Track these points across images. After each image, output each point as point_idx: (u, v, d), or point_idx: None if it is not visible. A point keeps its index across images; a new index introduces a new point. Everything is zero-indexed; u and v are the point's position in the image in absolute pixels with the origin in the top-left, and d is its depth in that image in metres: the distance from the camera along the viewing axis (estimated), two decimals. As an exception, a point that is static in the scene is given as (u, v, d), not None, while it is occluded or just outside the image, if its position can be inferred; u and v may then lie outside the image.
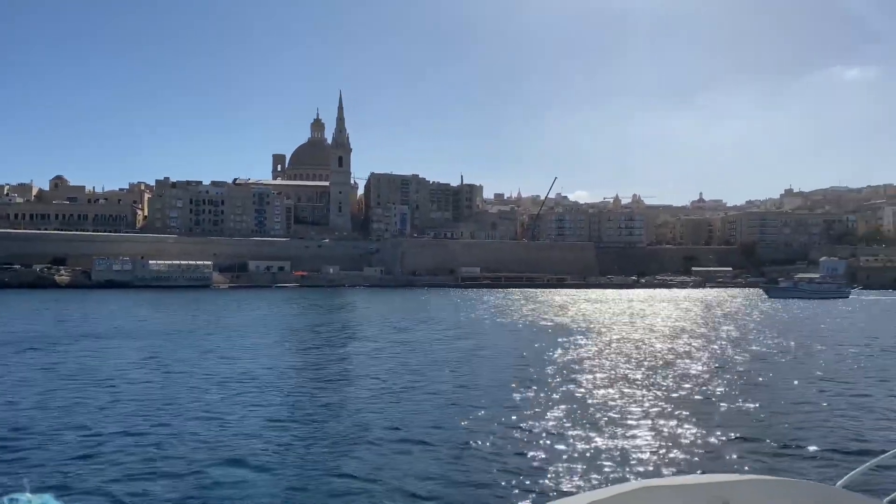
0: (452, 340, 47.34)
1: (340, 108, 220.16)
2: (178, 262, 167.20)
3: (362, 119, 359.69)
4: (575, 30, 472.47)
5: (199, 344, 43.66)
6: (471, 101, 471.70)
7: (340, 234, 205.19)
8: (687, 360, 35.68)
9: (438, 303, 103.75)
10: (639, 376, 29.78)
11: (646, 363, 34.29)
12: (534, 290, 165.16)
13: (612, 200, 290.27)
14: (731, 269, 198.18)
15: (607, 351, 40.21)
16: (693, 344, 44.57)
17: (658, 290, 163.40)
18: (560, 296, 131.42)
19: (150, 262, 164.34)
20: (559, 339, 46.50)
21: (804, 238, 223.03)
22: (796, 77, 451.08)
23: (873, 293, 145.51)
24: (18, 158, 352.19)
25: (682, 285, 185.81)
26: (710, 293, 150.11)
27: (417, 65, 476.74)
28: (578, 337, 48.57)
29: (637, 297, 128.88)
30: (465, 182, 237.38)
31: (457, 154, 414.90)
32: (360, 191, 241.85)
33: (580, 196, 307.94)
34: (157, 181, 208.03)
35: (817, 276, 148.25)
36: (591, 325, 59.53)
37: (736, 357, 37.64)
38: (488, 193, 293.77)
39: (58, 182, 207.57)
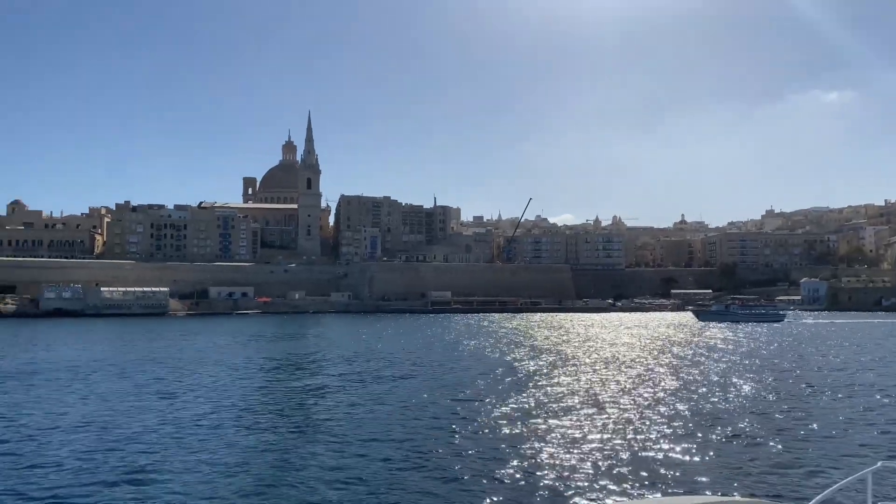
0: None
1: (309, 128, 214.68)
2: (132, 289, 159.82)
3: (336, 142, 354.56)
4: (553, 55, 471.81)
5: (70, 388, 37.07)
6: (449, 126, 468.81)
7: (309, 259, 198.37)
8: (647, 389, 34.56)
9: (374, 331, 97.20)
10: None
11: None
12: (505, 314, 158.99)
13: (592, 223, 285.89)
14: (710, 290, 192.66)
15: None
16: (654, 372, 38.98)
17: (634, 315, 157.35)
18: (521, 321, 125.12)
19: (103, 289, 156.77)
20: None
21: (785, 259, 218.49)
22: (776, 100, 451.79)
23: (811, 315, 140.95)
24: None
25: (660, 308, 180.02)
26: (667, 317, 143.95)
27: (396, 89, 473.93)
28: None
29: (604, 322, 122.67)
30: (438, 204, 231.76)
31: (433, 177, 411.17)
32: (334, 215, 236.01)
33: (566, 220, 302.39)
34: (116, 205, 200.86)
35: (752, 298, 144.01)
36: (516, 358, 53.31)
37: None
38: (467, 216, 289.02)
39: (14, 206, 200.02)
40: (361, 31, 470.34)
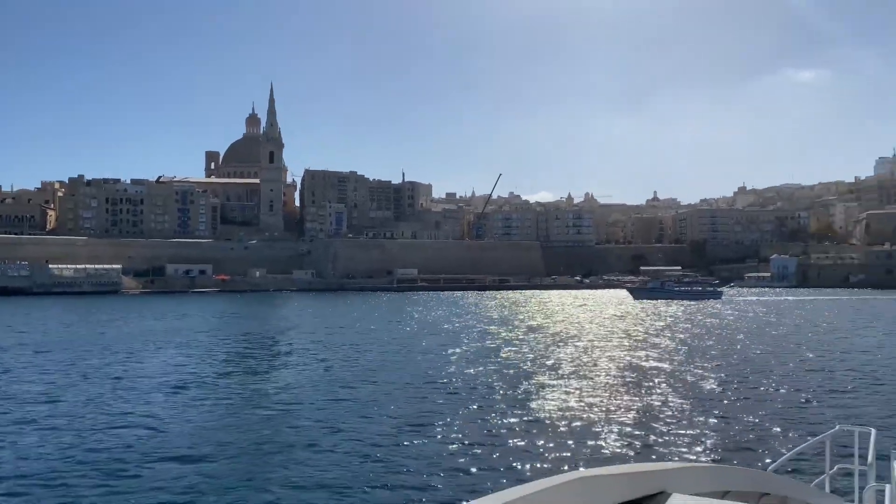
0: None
1: (272, 100, 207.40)
2: (83, 266, 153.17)
3: (304, 116, 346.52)
4: (531, 32, 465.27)
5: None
6: (423, 101, 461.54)
7: (272, 236, 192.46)
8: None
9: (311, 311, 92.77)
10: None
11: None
12: (473, 292, 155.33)
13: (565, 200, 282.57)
14: (679, 267, 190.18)
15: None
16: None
17: (602, 292, 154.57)
18: (488, 299, 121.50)
19: (52, 266, 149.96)
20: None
21: (756, 235, 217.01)
22: (750, 79, 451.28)
23: (753, 292, 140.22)
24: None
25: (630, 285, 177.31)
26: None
27: (366, 62, 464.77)
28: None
29: (566, 299, 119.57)
30: (407, 180, 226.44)
31: (405, 154, 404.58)
32: (299, 190, 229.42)
33: (542, 198, 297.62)
34: (70, 179, 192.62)
35: (695, 276, 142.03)
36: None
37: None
38: (440, 193, 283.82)
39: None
40: (331, 3, 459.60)
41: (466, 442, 18.16)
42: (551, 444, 17.58)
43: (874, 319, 68.28)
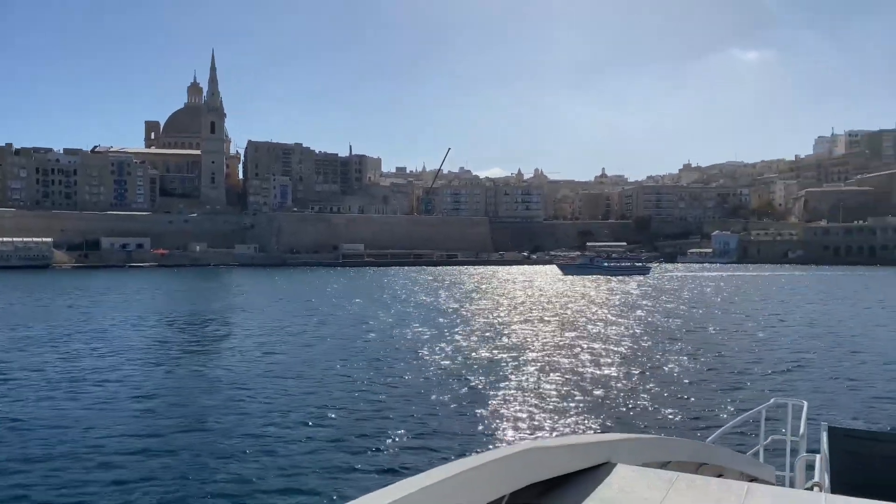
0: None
1: (213, 68, 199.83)
2: (10, 239, 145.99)
3: (250, 87, 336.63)
4: (481, 9, 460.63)
5: None
6: (375, 75, 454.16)
7: (213, 209, 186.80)
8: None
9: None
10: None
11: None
12: (420, 268, 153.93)
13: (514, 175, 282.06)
14: (625, 243, 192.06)
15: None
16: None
17: (547, 267, 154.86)
18: (426, 274, 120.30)
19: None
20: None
21: (699, 212, 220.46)
22: (698, 58, 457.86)
23: (679, 268, 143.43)
24: None
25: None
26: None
27: (319, 35, 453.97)
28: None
29: (503, 275, 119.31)
30: (356, 153, 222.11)
31: (355, 128, 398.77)
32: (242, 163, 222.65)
33: (495, 173, 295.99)
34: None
35: (636, 254, 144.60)
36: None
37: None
38: (390, 167, 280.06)
39: None
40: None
41: (406, 419, 17.84)
42: (498, 419, 17.58)
43: (798, 295, 69.20)
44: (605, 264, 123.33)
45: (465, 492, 2.16)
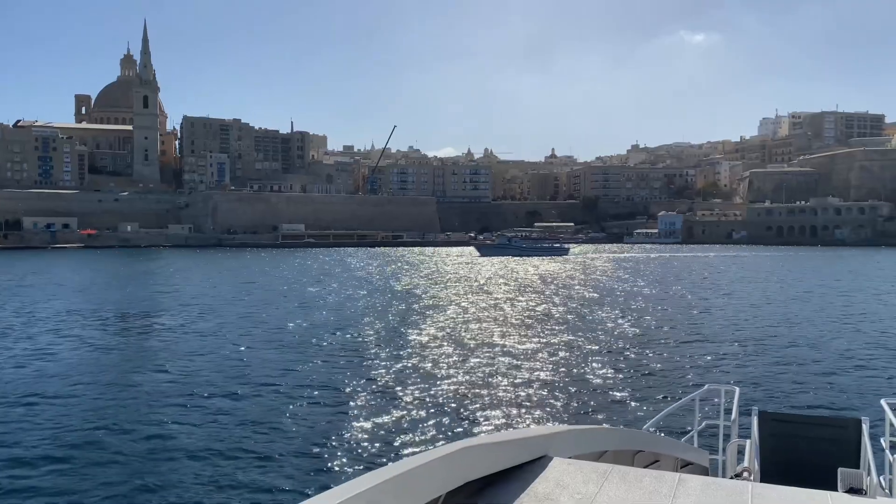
0: None
1: (145, 39, 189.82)
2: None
3: (191, 62, 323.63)
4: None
5: None
6: (321, 51, 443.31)
7: (146, 187, 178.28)
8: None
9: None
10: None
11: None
12: (363, 248, 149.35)
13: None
14: (572, 224, 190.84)
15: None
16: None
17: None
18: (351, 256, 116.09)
19: None
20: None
21: (646, 192, 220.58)
22: (644, 40, 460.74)
23: (592, 249, 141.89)
24: None
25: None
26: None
27: (261, 8, 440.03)
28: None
29: (431, 257, 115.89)
30: (298, 130, 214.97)
31: (300, 105, 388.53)
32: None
33: (447, 153, 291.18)
34: None
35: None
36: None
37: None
38: (337, 145, 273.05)
39: None
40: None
41: (336, 419, 16.35)
42: (430, 418, 16.46)
43: (742, 280, 67.45)
44: (524, 245, 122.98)
45: (401, 495, 2.13)
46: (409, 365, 22.44)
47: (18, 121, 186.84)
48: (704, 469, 5.50)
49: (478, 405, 17.42)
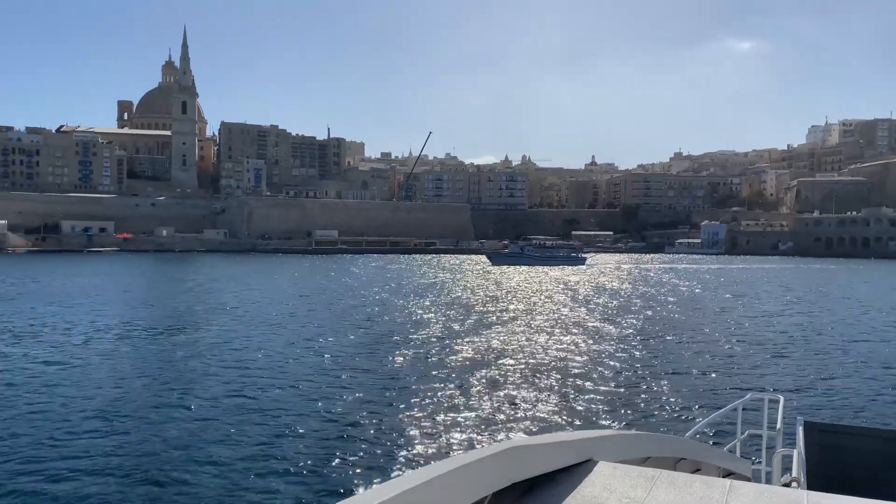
0: None
1: (185, 46, 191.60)
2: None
3: (230, 69, 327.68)
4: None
5: None
6: (361, 58, 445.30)
7: (183, 192, 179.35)
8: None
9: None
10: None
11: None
12: (396, 256, 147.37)
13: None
14: (611, 232, 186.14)
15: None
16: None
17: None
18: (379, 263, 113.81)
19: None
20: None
21: (688, 201, 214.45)
22: (687, 47, 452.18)
23: (611, 260, 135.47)
24: None
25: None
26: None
27: (299, 16, 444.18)
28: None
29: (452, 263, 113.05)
30: (334, 136, 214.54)
31: (337, 111, 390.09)
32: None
33: (486, 160, 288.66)
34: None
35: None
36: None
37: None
38: (374, 152, 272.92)
39: None
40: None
41: (389, 418, 16.80)
42: (480, 418, 16.83)
43: (788, 290, 63.06)
44: (536, 254, 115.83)
45: (448, 493, 2.12)
46: (456, 367, 22.97)
47: (61, 126, 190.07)
48: (748, 479, 5.31)
49: (522, 408, 17.79)
